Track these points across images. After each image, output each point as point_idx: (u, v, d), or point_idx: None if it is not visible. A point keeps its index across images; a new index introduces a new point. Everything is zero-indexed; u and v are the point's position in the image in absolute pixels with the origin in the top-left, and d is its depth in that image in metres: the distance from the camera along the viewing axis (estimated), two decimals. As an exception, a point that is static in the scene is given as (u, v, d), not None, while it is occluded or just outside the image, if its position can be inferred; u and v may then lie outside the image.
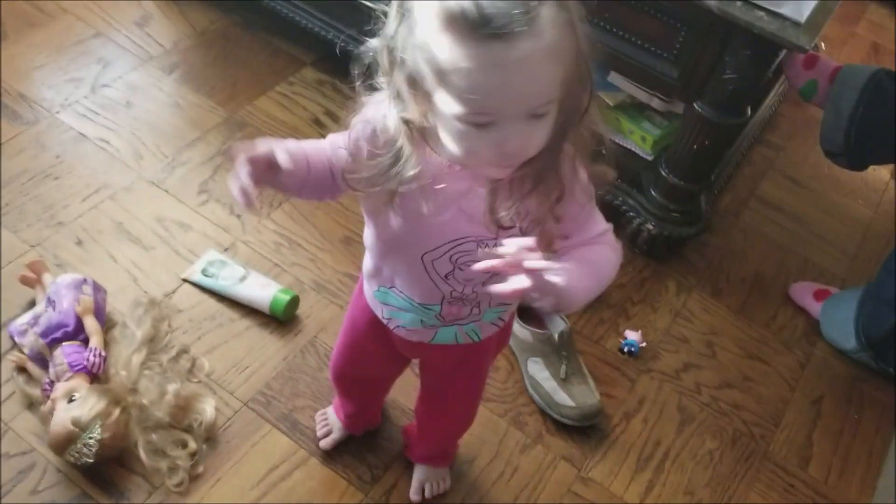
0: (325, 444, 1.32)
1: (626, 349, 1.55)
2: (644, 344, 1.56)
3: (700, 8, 1.33)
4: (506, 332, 1.10)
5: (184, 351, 1.38)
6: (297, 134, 1.79)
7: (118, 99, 1.78)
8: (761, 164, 1.98)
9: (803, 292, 1.69)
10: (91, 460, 1.17)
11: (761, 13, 1.30)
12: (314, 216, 1.65)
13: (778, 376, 1.58)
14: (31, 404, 1.27)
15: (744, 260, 1.77)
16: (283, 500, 1.26)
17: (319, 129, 1.82)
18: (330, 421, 1.33)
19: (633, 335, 1.56)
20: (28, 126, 1.68)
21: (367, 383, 1.25)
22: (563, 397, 1.41)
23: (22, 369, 1.29)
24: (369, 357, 1.14)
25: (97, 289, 1.37)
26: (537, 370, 1.44)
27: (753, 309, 1.68)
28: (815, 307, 1.66)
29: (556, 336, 1.44)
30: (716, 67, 1.42)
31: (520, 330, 1.47)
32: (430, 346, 1.02)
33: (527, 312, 1.50)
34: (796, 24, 1.28)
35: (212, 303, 1.48)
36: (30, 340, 1.28)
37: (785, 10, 1.28)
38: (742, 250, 1.79)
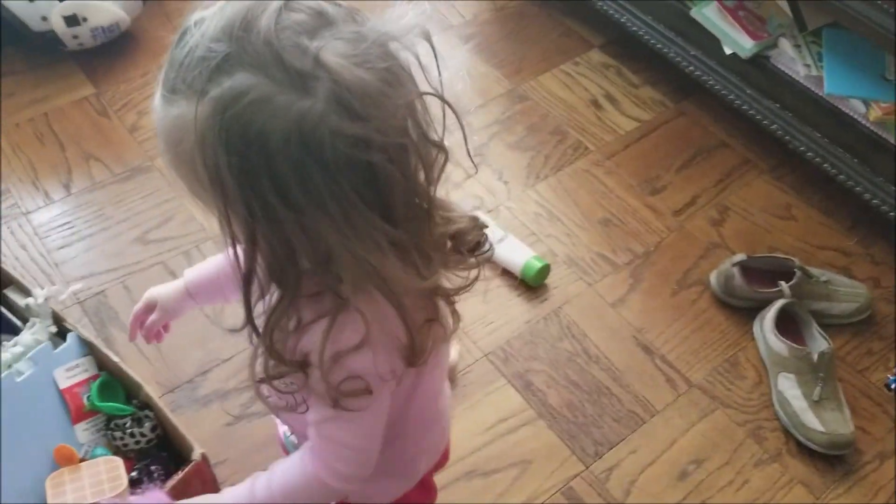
0: None
1: (894, 386, 1.40)
2: (917, 385, 1.41)
3: None
4: None
5: (438, 296, 1.46)
6: (574, 113, 1.82)
7: (416, 61, 1.92)
8: None
9: None
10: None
11: None
12: (577, 193, 1.68)
13: None
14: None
15: None
16: (506, 452, 1.31)
17: (597, 110, 1.84)
18: None
19: (905, 373, 1.42)
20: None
21: None
22: (812, 420, 1.31)
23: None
24: None
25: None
26: (788, 387, 1.36)
27: None
28: None
29: (815, 355, 1.35)
30: None
31: (775, 342, 1.39)
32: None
33: (784, 324, 1.42)
34: None
35: (470, 257, 1.56)
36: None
37: None
38: None
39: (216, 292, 0.92)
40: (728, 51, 1.72)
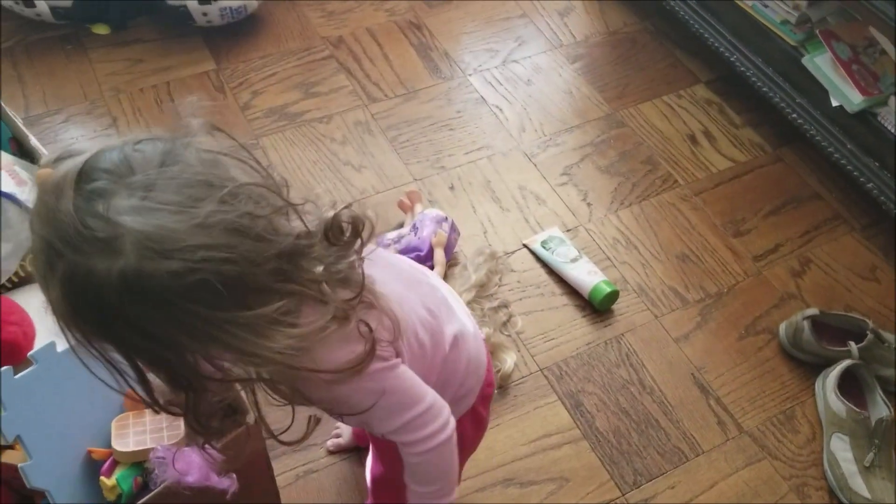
0: (329, 443, 1.33)
1: (955, 468, 1.36)
2: (981, 470, 1.36)
3: None
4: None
5: (504, 305, 1.51)
6: (669, 145, 1.83)
7: (521, 75, 1.97)
8: None
9: None
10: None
11: None
12: (659, 225, 1.69)
13: None
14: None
15: None
16: (546, 466, 1.34)
17: (693, 145, 1.84)
18: (343, 427, 1.34)
19: (970, 456, 1.37)
20: (443, 81, 1.94)
21: None
22: (859, 485, 1.30)
23: (376, 274, 1.52)
24: None
25: (453, 229, 1.56)
26: (840, 448, 1.34)
27: None
28: None
29: (872, 421, 1.32)
30: None
31: (834, 401, 1.37)
32: None
33: (847, 385, 1.40)
34: None
35: (541, 272, 1.60)
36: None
37: None
38: None
39: None
40: (835, 103, 1.69)
